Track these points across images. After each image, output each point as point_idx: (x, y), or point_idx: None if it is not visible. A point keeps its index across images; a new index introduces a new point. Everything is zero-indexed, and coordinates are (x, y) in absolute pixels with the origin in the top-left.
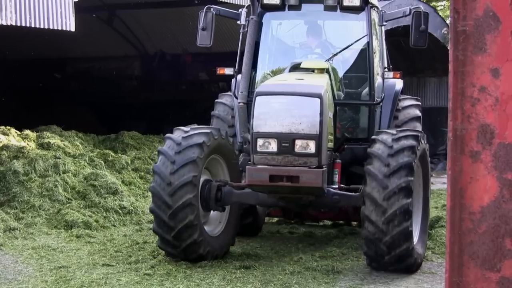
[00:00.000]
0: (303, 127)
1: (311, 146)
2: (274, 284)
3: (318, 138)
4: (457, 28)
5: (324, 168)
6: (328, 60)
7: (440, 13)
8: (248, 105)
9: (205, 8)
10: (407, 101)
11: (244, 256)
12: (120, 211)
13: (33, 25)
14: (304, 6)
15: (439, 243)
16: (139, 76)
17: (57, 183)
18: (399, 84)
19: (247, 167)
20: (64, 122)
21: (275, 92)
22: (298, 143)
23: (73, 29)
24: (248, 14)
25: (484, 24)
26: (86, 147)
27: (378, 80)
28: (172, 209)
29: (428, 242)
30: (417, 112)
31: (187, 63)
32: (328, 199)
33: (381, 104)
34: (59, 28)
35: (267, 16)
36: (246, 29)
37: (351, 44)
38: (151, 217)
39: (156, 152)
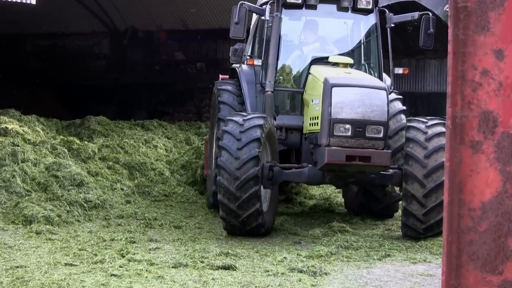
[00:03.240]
0: (374, 115)
1: (380, 131)
2: (256, 286)
3: (386, 125)
4: (458, 5)
5: (390, 150)
6: (343, 54)
7: None
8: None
9: (239, 4)
10: (395, 103)
11: (222, 255)
12: (85, 205)
13: None
14: (319, 6)
15: (437, 242)
16: (108, 55)
17: (15, 174)
18: (388, 80)
19: (326, 148)
20: (24, 106)
21: (348, 84)
22: (370, 128)
23: (34, 1)
24: (272, 11)
25: (487, 0)
26: (48, 133)
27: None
28: (240, 181)
29: (425, 241)
30: (404, 121)
31: (161, 41)
32: (367, 177)
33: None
34: (19, 0)
35: (284, 13)
36: (270, 24)
37: (365, 42)
38: (120, 211)
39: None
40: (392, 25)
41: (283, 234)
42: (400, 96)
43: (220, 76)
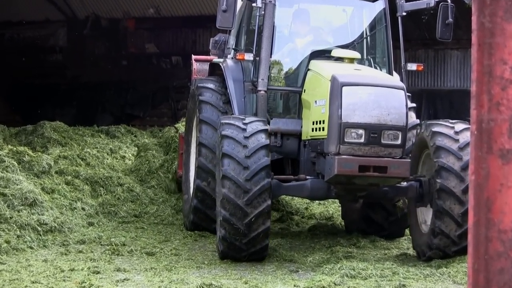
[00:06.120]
0: (391, 118)
1: (399, 137)
2: None
3: (404, 130)
4: None
5: (409, 159)
6: (348, 47)
7: None
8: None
9: None
10: None
11: (205, 287)
12: (39, 229)
13: None
14: None
15: (462, 269)
16: (65, 48)
17: None
18: (396, 77)
19: (336, 157)
20: None
21: (361, 83)
22: (386, 134)
23: None
24: None
25: None
26: None
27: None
28: (250, 194)
29: (447, 268)
30: (414, 118)
31: (129, 31)
32: (380, 190)
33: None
34: None
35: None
36: (262, 12)
37: (370, 33)
38: (81, 236)
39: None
40: (404, 13)
41: (277, 261)
42: (409, 94)
43: (193, 57)
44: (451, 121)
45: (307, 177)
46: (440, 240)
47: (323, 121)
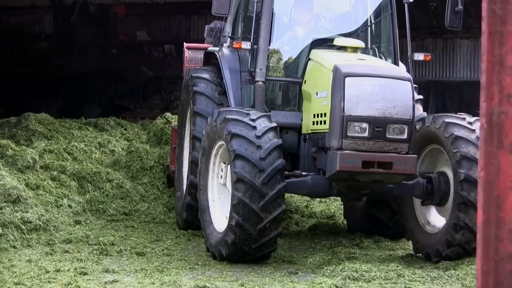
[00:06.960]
0: (396, 111)
1: (404, 131)
2: None
3: (411, 123)
4: None
5: (416, 155)
6: (352, 35)
7: None
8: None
9: None
10: None
11: None
12: (22, 227)
13: None
14: None
15: (471, 271)
16: (51, 36)
17: None
18: (403, 67)
19: (338, 152)
20: None
21: (365, 73)
22: (391, 127)
23: None
24: None
25: None
26: None
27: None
28: (266, 198)
29: (456, 270)
30: (421, 111)
31: (119, 18)
32: (384, 188)
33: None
34: None
35: None
36: None
37: (375, 21)
38: (67, 235)
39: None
40: (411, 0)
41: (275, 262)
42: (416, 85)
43: (185, 45)
44: (460, 114)
45: (308, 173)
46: (463, 236)
47: (325, 114)
